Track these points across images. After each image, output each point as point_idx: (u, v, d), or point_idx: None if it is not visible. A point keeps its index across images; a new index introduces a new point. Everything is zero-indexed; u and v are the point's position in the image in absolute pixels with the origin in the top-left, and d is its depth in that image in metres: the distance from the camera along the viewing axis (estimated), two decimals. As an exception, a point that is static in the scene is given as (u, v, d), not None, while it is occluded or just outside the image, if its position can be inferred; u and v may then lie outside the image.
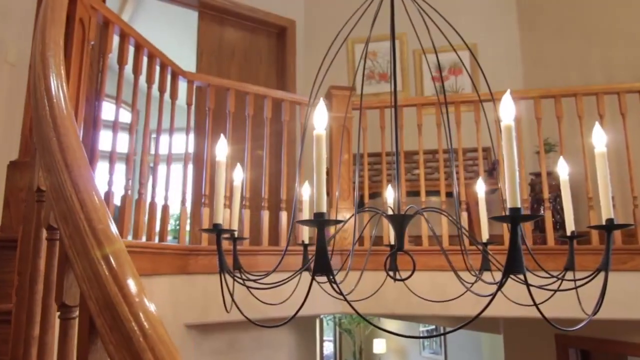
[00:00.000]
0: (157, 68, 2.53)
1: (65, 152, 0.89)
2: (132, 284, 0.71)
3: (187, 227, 3.55)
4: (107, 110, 2.36)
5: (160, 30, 6.75)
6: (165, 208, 2.53)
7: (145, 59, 2.43)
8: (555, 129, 2.98)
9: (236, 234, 1.63)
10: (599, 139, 1.38)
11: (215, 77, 3.40)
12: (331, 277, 1.13)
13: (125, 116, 2.98)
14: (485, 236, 1.91)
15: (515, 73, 4.52)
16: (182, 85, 2.83)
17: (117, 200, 2.28)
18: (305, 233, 1.88)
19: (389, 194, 1.84)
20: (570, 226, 1.57)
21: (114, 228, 0.81)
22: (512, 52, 4.60)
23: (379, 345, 9.59)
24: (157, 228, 2.44)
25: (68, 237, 0.79)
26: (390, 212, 1.63)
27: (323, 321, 10.52)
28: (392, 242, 1.69)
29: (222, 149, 1.50)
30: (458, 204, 1.51)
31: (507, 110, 1.04)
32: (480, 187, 1.85)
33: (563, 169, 1.59)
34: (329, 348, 10.59)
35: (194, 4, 4.53)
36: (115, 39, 2.24)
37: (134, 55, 2.36)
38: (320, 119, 1.08)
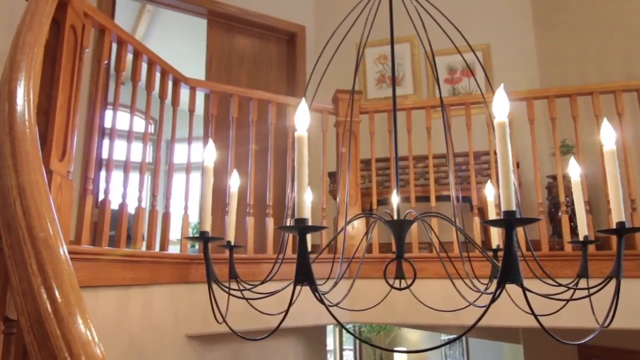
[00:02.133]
0: (158, 75, 2.51)
1: (16, 157, 0.84)
2: (66, 298, 0.65)
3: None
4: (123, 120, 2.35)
5: (176, 40, 6.83)
6: (166, 216, 2.50)
7: (144, 66, 2.41)
8: (573, 129, 2.85)
9: (232, 241, 1.57)
10: (608, 136, 1.28)
11: (224, 84, 3.39)
12: (314, 286, 1.06)
13: (140, 125, 2.96)
14: (495, 242, 1.80)
15: (531, 73, 4.38)
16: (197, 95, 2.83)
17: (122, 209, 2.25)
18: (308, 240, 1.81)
19: (395, 200, 1.77)
20: (583, 231, 1.47)
21: (59, 237, 0.75)
22: (528, 52, 4.46)
23: (400, 355, 9.40)
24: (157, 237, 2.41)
25: (9, 246, 0.74)
26: (389, 218, 1.56)
27: (342, 330, 10.40)
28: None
29: (209, 154, 1.44)
30: (454, 208, 1.42)
31: (501, 106, 0.96)
32: (489, 191, 1.75)
33: (574, 170, 1.49)
34: (348, 357, 10.46)
35: (203, 13, 4.54)
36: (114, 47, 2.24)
37: (132, 63, 2.34)
38: (301, 119, 1.01)
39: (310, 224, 1.84)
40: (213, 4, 4.47)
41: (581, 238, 1.45)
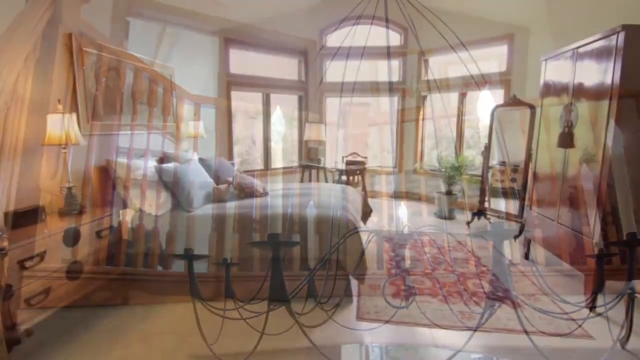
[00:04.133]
0: (160, 90, 2.50)
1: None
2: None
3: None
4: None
5: (195, 59, 6.94)
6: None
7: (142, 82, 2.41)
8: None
9: (230, 259, 1.51)
10: (614, 138, 1.19)
11: (237, 100, 3.38)
12: (289, 306, 1.00)
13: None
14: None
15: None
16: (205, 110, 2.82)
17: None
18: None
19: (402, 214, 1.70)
20: (598, 243, 1.36)
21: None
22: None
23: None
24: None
25: None
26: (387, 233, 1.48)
27: (369, 348, 10.15)
28: (409, 265, 1.54)
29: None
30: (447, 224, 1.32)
31: (488, 107, 0.89)
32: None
33: (587, 177, 1.39)
34: (375, 377, 10.20)
35: (215, 32, 4.58)
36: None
37: (133, 79, 2.33)
38: (278, 128, 0.95)
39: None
40: (225, 22, 4.50)
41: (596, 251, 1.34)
